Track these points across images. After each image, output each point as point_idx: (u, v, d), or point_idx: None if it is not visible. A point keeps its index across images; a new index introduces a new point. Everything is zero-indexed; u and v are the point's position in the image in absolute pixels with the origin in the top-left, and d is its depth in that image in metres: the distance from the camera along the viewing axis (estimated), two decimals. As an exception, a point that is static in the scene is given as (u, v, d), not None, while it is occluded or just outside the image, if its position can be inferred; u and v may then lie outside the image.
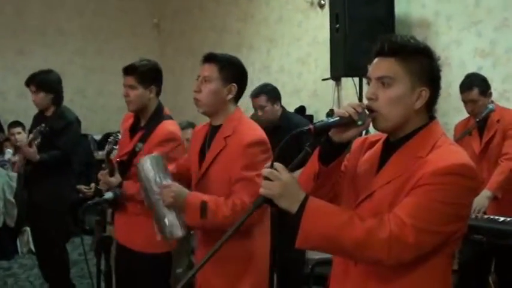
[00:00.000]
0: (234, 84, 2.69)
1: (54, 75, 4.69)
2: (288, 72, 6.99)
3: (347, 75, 5.46)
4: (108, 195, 3.03)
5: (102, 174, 3.26)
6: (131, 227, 3.32)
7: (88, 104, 5.71)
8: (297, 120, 4.74)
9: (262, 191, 1.67)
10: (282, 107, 4.84)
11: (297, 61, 6.93)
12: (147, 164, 2.64)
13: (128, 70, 3.32)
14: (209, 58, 2.71)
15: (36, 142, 4.34)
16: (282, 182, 1.66)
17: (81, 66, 7.93)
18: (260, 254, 2.73)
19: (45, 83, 4.59)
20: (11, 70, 8.39)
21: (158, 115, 3.37)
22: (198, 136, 2.89)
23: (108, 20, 9.08)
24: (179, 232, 2.66)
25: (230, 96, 2.69)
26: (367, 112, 1.77)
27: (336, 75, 5.64)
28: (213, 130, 2.75)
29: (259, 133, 2.68)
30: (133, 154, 3.32)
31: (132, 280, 3.42)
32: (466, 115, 4.37)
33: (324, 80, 6.05)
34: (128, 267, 3.38)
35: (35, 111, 4.95)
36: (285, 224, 2.77)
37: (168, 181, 2.61)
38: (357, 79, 5.42)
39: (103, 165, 3.31)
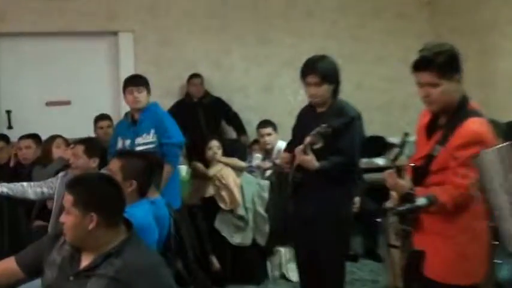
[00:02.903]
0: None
1: (332, 62, 4.10)
2: None
3: None
4: (421, 201, 2.91)
5: (390, 174, 3.13)
6: (426, 247, 3.10)
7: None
8: None
9: None
10: None
11: None
12: (491, 157, 2.50)
13: (421, 65, 3.11)
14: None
15: (317, 147, 3.89)
16: None
17: (337, 54, 6.88)
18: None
19: (327, 72, 4.02)
20: (253, 61, 7.82)
21: (461, 111, 3.11)
22: None
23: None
24: None
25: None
26: None
27: None
28: None
29: None
30: (430, 159, 3.13)
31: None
32: None
33: None
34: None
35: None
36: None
37: None
38: None
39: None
